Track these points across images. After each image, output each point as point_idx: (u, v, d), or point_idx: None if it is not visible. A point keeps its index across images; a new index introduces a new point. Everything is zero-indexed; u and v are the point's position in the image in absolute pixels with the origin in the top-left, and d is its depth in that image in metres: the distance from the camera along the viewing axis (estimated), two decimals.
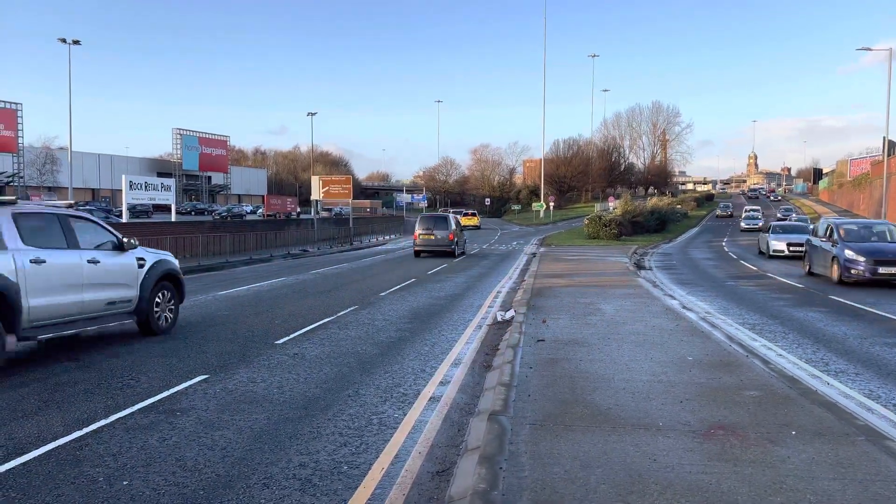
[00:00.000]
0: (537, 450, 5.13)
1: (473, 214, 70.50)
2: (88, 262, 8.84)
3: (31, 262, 7.91)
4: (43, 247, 8.19)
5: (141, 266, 9.90)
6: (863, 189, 67.47)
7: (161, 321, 10.37)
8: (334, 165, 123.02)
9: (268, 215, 61.09)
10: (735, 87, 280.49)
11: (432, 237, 29.16)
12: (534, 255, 30.97)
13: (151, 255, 10.27)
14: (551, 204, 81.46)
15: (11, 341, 7.83)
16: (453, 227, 29.77)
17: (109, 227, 9.76)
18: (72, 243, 8.73)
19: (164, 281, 10.41)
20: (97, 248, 9.22)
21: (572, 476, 4.61)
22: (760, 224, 51.58)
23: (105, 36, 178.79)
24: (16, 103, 62.37)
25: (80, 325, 8.88)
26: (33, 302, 8.00)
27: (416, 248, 29.54)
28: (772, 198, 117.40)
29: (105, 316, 9.30)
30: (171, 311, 10.67)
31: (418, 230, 29.53)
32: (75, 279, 8.64)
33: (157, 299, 10.20)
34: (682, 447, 5.18)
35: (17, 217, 8.08)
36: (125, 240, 9.80)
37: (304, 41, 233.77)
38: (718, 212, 78.52)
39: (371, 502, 4.61)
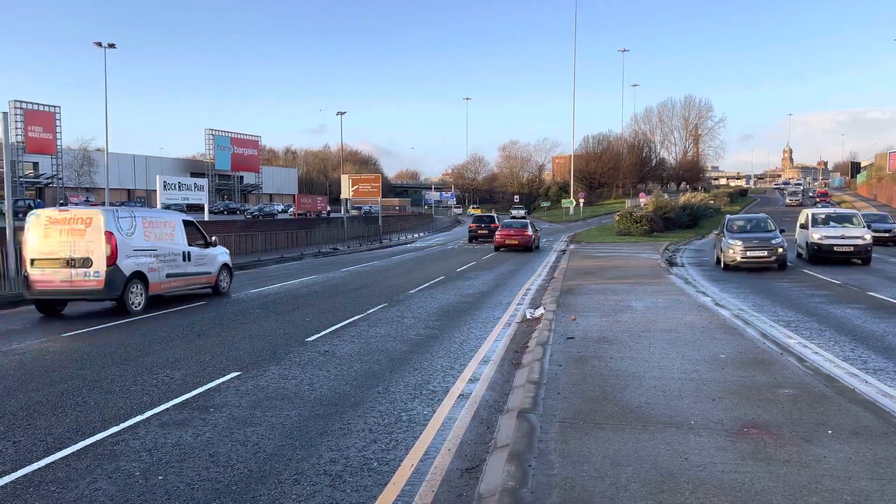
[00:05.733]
0: (567, 448, 5.10)
1: (485, 208, 76.20)
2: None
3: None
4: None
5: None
6: None
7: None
8: (363, 164, 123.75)
9: (298, 214, 61.68)
10: (771, 80, 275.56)
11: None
12: (563, 252, 30.79)
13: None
14: (581, 200, 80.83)
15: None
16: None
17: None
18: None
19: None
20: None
21: (602, 474, 4.58)
22: None
23: (141, 37, 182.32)
24: (54, 106, 63.94)
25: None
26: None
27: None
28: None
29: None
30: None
31: None
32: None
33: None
34: (715, 446, 5.11)
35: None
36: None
37: (335, 41, 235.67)
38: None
39: (401, 499, 4.64)
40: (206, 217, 37.15)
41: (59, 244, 12.82)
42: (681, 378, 7.20)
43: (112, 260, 12.77)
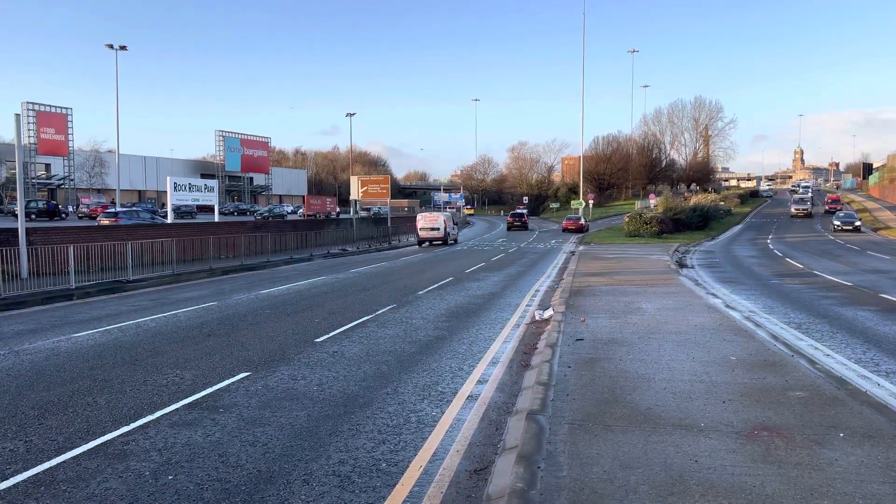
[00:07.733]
0: (576, 449, 5.09)
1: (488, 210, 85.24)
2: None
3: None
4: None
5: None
6: None
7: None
8: (373, 165, 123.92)
9: (308, 215, 61.77)
10: (782, 80, 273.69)
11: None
12: (572, 253, 30.72)
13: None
14: (590, 202, 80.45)
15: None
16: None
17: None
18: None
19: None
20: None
21: (611, 476, 4.56)
22: None
23: (151, 38, 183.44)
24: (66, 108, 64.40)
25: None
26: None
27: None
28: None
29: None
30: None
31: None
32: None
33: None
34: (725, 448, 5.08)
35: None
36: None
37: (346, 43, 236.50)
38: None
39: (409, 500, 4.64)
40: (217, 218, 37.23)
41: (428, 223, 41.31)
42: (690, 380, 7.17)
43: (445, 229, 41.24)
